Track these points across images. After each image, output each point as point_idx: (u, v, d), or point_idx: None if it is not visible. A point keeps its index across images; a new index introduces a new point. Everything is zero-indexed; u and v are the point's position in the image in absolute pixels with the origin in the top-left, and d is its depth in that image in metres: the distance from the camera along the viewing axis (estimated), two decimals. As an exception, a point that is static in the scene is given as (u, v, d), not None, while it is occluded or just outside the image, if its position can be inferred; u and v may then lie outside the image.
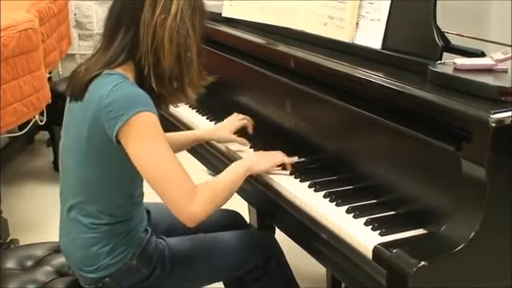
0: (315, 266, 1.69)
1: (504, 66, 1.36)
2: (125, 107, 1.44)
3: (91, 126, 1.49)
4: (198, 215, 1.50)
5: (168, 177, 1.47)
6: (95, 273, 1.60)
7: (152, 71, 1.51)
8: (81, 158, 1.55)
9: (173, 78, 1.55)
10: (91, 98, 1.49)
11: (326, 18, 1.76)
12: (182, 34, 1.52)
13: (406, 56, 1.53)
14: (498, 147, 1.21)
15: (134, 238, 1.62)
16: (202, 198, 1.50)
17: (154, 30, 1.50)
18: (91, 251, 1.59)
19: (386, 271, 1.27)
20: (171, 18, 1.50)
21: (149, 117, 1.46)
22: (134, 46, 1.52)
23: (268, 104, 1.99)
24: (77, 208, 1.59)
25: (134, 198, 1.63)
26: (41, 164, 3.79)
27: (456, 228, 1.25)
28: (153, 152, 1.47)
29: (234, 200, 1.94)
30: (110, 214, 1.58)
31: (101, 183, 1.57)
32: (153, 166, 1.47)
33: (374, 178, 1.55)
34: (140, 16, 1.50)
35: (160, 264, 1.64)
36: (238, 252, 1.74)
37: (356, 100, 1.58)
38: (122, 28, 1.52)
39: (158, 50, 1.51)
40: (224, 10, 2.17)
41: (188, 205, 1.48)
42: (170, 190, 1.48)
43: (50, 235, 1.97)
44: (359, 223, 1.43)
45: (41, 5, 3.19)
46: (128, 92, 1.47)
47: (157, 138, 1.47)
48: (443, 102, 1.30)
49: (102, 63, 1.52)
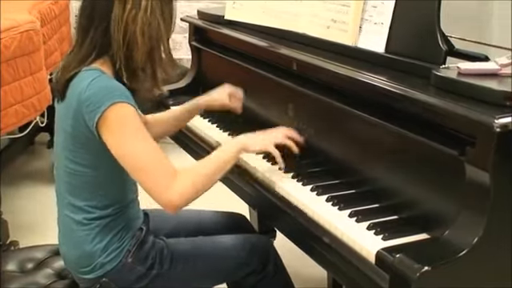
0: (316, 269, 1.69)
1: (508, 70, 1.35)
2: (102, 99, 1.48)
3: (74, 122, 1.53)
4: (175, 201, 1.52)
5: (145, 164, 1.51)
6: (92, 273, 1.61)
7: (124, 66, 1.54)
8: (69, 155, 1.59)
9: (146, 70, 1.58)
10: (71, 95, 1.54)
11: (329, 22, 1.76)
12: (153, 27, 1.55)
13: (409, 60, 1.53)
14: (502, 152, 1.21)
15: (129, 235, 1.63)
16: (181, 183, 1.52)
17: (126, 26, 1.52)
18: (86, 250, 1.60)
19: (389, 276, 1.26)
20: (142, 13, 1.53)
21: (125, 107, 1.49)
22: (105, 41, 1.54)
23: (270, 107, 1.99)
24: (70, 205, 1.62)
25: (126, 191, 1.65)
26: (41, 166, 3.78)
27: (459, 233, 1.24)
28: (129, 141, 1.50)
29: (235, 202, 1.94)
30: (102, 208, 1.60)
31: (91, 178, 1.59)
32: (129, 154, 1.51)
33: (376, 182, 1.54)
34: (111, 12, 1.52)
35: (158, 262, 1.64)
36: (237, 255, 1.73)
37: (358, 103, 1.57)
38: (93, 24, 1.55)
39: (130, 45, 1.53)
40: (226, 13, 2.17)
41: (166, 191, 1.50)
42: (147, 177, 1.51)
43: (50, 237, 1.97)
44: (362, 227, 1.43)
45: (42, 6, 3.19)
46: (104, 84, 1.51)
47: (133, 128, 1.51)
48: (447, 107, 1.30)
49: (78, 60, 1.56)
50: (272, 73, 1.91)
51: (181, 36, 3.70)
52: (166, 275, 1.65)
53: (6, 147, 3.54)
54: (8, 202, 3.02)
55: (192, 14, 2.41)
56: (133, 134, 1.50)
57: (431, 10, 1.49)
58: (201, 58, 2.41)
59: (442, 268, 1.20)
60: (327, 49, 1.75)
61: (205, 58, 2.38)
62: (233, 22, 2.15)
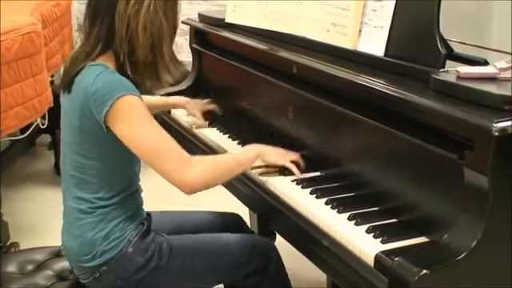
0: (316, 272, 1.69)
1: (507, 74, 1.36)
2: (108, 93, 1.52)
3: (81, 116, 1.57)
4: (194, 181, 1.57)
5: (159, 149, 1.55)
6: (92, 261, 1.63)
7: (127, 59, 1.58)
8: (76, 149, 1.62)
9: (147, 65, 1.61)
10: (78, 90, 1.58)
11: (329, 25, 1.77)
12: (155, 24, 1.58)
13: (408, 63, 1.53)
14: (500, 156, 1.21)
15: (131, 226, 1.65)
16: (200, 166, 1.58)
17: (128, 21, 1.56)
18: (87, 238, 1.63)
19: (387, 279, 1.27)
20: (144, 9, 1.56)
21: (132, 99, 1.54)
22: (110, 36, 1.58)
23: (270, 110, 1.99)
24: (76, 198, 1.64)
25: (131, 182, 1.67)
26: (42, 167, 3.79)
27: (458, 236, 1.25)
28: (140, 129, 1.55)
29: (235, 204, 1.94)
30: (107, 198, 1.63)
31: (97, 171, 1.62)
32: (142, 142, 1.55)
33: (375, 185, 1.55)
34: (115, 7, 1.56)
35: (157, 255, 1.65)
36: (239, 253, 1.74)
37: (358, 107, 1.58)
38: (98, 18, 1.59)
39: (132, 40, 1.57)
40: (227, 16, 2.18)
41: (184, 172, 1.55)
42: (163, 161, 1.55)
43: (50, 238, 1.97)
44: (361, 230, 1.43)
45: (44, 8, 3.19)
46: (109, 79, 1.55)
47: (142, 116, 1.55)
48: (446, 111, 1.30)
49: (84, 54, 1.60)
50: (272, 76, 1.92)
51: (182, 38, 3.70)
52: (164, 268, 1.65)
53: (7, 149, 3.54)
54: (8, 204, 3.02)
55: (193, 17, 2.42)
56: (145, 120, 1.55)
57: (430, 14, 1.50)
58: (201, 60, 2.41)
59: (440, 271, 1.20)
60: (327, 52, 1.75)
61: (205, 60, 2.39)
62: (233, 25, 2.15)
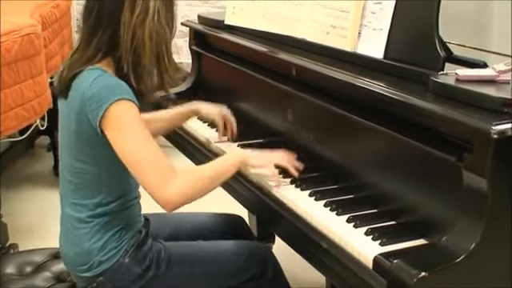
0: (315, 274, 1.69)
1: (506, 77, 1.36)
2: (104, 97, 1.51)
3: (78, 120, 1.56)
4: (174, 198, 1.53)
5: (144, 161, 1.53)
6: (89, 271, 1.62)
7: (131, 69, 1.57)
8: (74, 153, 1.61)
9: (153, 74, 1.61)
10: (75, 94, 1.57)
11: (329, 27, 1.77)
12: (160, 32, 1.58)
13: (407, 66, 1.53)
14: (499, 158, 1.21)
15: (128, 235, 1.64)
16: (181, 181, 1.54)
17: (134, 30, 1.55)
18: (83, 248, 1.62)
19: (386, 281, 1.27)
20: (149, 18, 1.56)
21: (126, 104, 1.52)
22: (112, 44, 1.57)
23: (269, 112, 1.99)
24: (73, 205, 1.63)
25: (128, 188, 1.66)
26: (41, 169, 3.79)
27: (457, 239, 1.25)
28: (129, 138, 1.53)
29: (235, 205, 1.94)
30: (105, 204, 1.61)
31: (94, 176, 1.61)
32: (129, 151, 1.53)
33: (375, 187, 1.55)
34: (119, 16, 1.55)
35: (155, 264, 1.65)
36: (236, 259, 1.73)
37: (357, 109, 1.58)
38: (100, 27, 1.57)
39: (138, 49, 1.56)
40: (226, 18, 2.18)
41: (165, 187, 1.52)
42: (146, 173, 1.53)
43: (49, 240, 1.97)
44: (360, 233, 1.43)
45: (44, 9, 3.19)
46: (106, 83, 1.54)
47: (133, 125, 1.53)
48: (445, 113, 1.30)
49: (83, 60, 1.58)
50: (271, 78, 1.92)
51: (182, 40, 3.71)
52: (162, 277, 1.65)
53: (6, 150, 3.54)
54: (8, 205, 3.02)
55: (193, 18, 2.42)
56: (133, 131, 1.53)
57: (430, 17, 1.50)
58: (201, 62, 2.41)
59: (439, 274, 1.20)
60: (326, 54, 1.75)
61: (205, 62, 2.39)
62: (233, 26, 2.16)
